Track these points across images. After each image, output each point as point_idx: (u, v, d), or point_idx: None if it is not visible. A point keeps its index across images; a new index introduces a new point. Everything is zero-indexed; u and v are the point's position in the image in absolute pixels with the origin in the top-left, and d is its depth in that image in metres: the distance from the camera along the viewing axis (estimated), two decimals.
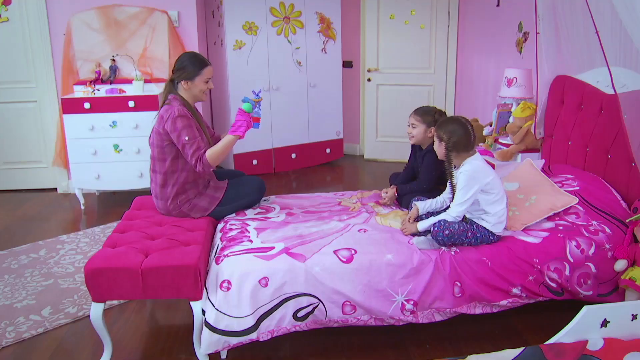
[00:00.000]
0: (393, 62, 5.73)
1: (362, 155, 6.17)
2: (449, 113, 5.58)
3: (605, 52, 2.69)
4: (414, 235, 2.63)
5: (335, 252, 2.44)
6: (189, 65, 2.85)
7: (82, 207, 4.53)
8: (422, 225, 2.60)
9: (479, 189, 2.51)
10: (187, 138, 2.72)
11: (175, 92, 2.90)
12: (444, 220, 2.52)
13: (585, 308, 1.94)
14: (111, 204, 4.65)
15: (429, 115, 3.03)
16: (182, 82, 2.86)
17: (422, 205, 2.77)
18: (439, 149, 2.63)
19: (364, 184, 5.20)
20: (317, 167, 5.73)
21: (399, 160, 5.81)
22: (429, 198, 2.82)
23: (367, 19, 5.63)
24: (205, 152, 2.73)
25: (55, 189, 5.00)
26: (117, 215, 4.31)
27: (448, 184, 2.69)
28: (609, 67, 2.69)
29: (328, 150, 5.75)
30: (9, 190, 5.00)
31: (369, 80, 5.76)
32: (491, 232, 2.56)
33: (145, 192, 4.38)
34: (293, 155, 5.58)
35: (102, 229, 4.04)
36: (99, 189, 4.65)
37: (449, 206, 2.67)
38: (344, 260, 2.40)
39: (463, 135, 2.55)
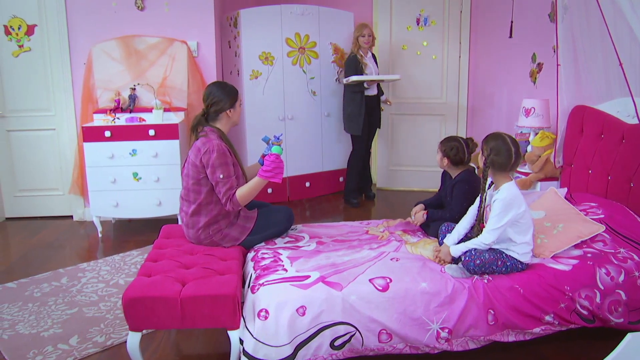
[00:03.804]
0: (407, 93, 5.79)
1: (374, 183, 6.21)
2: None
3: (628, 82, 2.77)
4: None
5: (370, 280, 2.46)
6: (225, 97, 2.91)
7: (100, 235, 4.53)
8: (455, 250, 2.64)
9: (513, 217, 2.54)
10: (221, 176, 2.76)
11: (209, 125, 2.94)
12: (475, 250, 2.55)
13: (629, 335, 1.93)
14: (127, 232, 4.66)
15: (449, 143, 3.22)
16: (228, 111, 2.92)
17: (450, 239, 2.80)
18: (480, 160, 2.69)
19: (377, 213, 5.21)
20: (331, 196, 5.75)
21: (410, 189, 5.89)
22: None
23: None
24: (235, 192, 2.77)
25: (71, 217, 5.01)
26: (134, 244, 4.32)
27: (477, 201, 2.71)
28: (632, 96, 2.75)
29: (341, 179, 5.78)
30: (24, 218, 5.01)
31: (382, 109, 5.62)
32: (520, 261, 2.59)
33: (164, 220, 4.41)
34: (307, 184, 5.61)
35: (122, 257, 4.03)
36: (117, 216, 4.65)
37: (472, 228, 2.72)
38: (380, 288, 2.41)
39: (503, 155, 2.56)
